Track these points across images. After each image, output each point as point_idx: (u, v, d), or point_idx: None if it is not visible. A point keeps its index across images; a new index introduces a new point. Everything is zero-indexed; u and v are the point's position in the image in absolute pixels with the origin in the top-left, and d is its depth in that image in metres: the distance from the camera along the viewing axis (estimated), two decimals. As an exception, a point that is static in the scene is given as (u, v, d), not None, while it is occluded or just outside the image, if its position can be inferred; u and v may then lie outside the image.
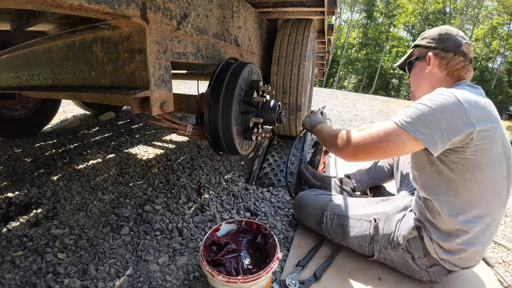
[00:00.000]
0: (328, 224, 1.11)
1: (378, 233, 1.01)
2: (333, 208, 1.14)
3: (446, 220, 0.86)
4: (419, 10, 27.39)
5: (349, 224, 1.07)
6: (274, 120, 1.12)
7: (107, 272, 0.94)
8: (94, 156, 1.90)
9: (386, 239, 1.00)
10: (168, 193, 1.45)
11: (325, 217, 1.12)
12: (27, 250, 1.00)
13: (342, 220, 1.09)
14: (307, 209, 1.20)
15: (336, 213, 1.11)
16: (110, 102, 1.05)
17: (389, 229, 1.00)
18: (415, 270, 0.97)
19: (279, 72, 1.82)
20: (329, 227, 1.11)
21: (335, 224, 1.10)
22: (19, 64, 1.25)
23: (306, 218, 1.21)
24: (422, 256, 0.94)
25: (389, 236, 0.99)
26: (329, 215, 1.12)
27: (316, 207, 1.17)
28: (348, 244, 1.09)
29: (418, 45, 1.00)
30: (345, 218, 1.09)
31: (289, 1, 1.59)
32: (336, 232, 1.10)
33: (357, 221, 1.06)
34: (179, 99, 1.15)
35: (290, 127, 2.06)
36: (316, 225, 1.17)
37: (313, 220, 1.17)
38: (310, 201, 1.22)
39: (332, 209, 1.13)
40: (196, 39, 0.94)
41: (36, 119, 2.32)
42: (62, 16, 1.21)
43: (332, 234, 1.11)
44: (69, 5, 0.50)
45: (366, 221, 1.04)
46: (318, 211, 1.16)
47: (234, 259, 0.90)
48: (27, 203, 1.31)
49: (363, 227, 1.04)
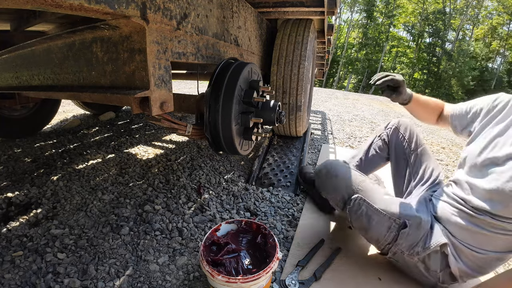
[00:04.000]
0: (354, 208, 1.01)
1: (402, 237, 0.93)
2: (365, 193, 1.02)
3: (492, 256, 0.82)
4: (419, 10, 27.39)
5: (376, 219, 0.97)
6: (274, 120, 1.12)
7: (107, 272, 0.94)
8: (94, 156, 1.90)
9: (407, 246, 0.93)
10: (168, 193, 1.45)
11: (353, 200, 1.01)
12: (27, 250, 1.00)
13: (370, 211, 0.98)
14: (335, 180, 1.08)
15: (366, 199, 1.00)
16: (110, 102, 1.05)
17: (415, 237, 0.92)
18: (422, 277, 0.95)
19: (279, 72, 1.82)
20: (354, 212, 1.01)
21: (361, 212, 0.99)
22: (19, 64, 1.25)
23: (330, 189, 1.09)
24: (438, 270, 0.91)
25: (411, 244, 0.92)
26: (358, 199, 1.00)
27: (347, 184, 1.05)
28: (365, 235, 1.03)
29: None
30: (375, 210, 0.98)
31: (289, 1, 1.59)
32: (360, 220, 1.00)
33: (386, 218, 0.96)
34: (179, 99, 1.15)
35: (290, 127, 2.06)
36: (339, 201, 1.07)
37: (338, 195, 1.06)
38: (342, 172, 1.09)
39: (363, 193, 1.02)
40: (196, 39, 0.94)
41: (36, 119, 2.32)
42: (62, 16, 1.21)
43: (353, 219, 1.02)
44: (69, 5, 0.50)
45: (395, 222, 0.95)
46: (347, 189, 1.04)
47: (234, 259, 0.90)
48: (27, 203, 1.31)
49: (389, 226, 0.96)
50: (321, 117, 4.35)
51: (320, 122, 3.93)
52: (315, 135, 3.13)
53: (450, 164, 2.67)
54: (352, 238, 1.25)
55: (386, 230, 0.96)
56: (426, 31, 27.75)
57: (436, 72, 27.17)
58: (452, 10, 27.29)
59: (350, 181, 1.06)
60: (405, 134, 1.29)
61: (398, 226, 0.94)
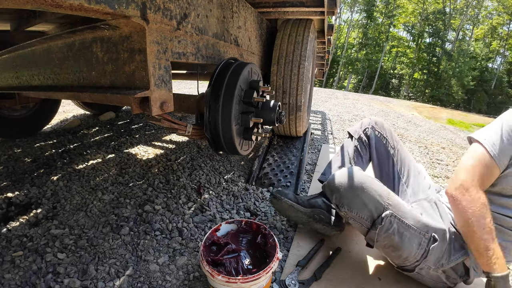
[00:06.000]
0: (385, 226, 0.86)
1: (432, 253, 0.86)
2: (395, 208, 0.89)
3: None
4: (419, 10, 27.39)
5: (408, 235, 0.86)
6: (274, 120, 1.12)
7: (107, 272, 0.94)
8: (94, 156, 1.90)
9: (434, 260, 0.87)
10: (168, 193, 1.45)
11: (385, 218, 0.86)
12: (27, 250, 1.00)
13: (402, 228, 0.86)
14: (363, 195, 0.90)
15: (398, 216, 0.87)
16: (110, 102, 1.05)
17: (441, 250, 0.86)
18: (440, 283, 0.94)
19: (279, 72, 1.82)
20: (384, 230, 0.87)
21: (393, 230, 0.86)
22: (19, 64, 1.25)
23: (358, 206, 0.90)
24: (458, 277, 0.90)
25: (438, 257, 0.87)
26: (389, 216, 0.86)
27: (375, 198, 0.89)
28: (391, 253, 0.91)
29: None
30: (406, 226, 0.86)
31: (289, 1, 1.59)
32: (390, 238, 0.87)
33: (416, 234, 0.86)
34: (179, 99, 1.15)
35: (290, 127, 2.06)
36: (365, 220, 0.91)
37: (365, 213, 0.90)
38: (368, 185, 0.91)
39: (394, 208, 0.88)
40: (196, 39, 0.94)
41: (36, 119, 2.32)
42: (62, 16, 1.21)
43: (382, 238, 0.88)
44: (69, 5, 0.50)
45: (424, 236, 0.86)
46: (377, 204, 0.89)
47: (234, 259, 0.90)
48: (27, 203, 1.31)
49: (420, 242, 0.86)
50: (321, 117, 4.36)
51: (320, 122, 3.93)
52: (315, 135, 3.13)
53: (450, 164, 2.67)
54: (352, 238, 1.25)
55: (417, 247, 0.86)
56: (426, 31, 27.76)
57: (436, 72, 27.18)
58: (452, 10, 27.30)
59: (378, 194, 0.91)
60: (383, 132, 1.24)
61: (428, 241, 0.86)
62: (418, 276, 0.94)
